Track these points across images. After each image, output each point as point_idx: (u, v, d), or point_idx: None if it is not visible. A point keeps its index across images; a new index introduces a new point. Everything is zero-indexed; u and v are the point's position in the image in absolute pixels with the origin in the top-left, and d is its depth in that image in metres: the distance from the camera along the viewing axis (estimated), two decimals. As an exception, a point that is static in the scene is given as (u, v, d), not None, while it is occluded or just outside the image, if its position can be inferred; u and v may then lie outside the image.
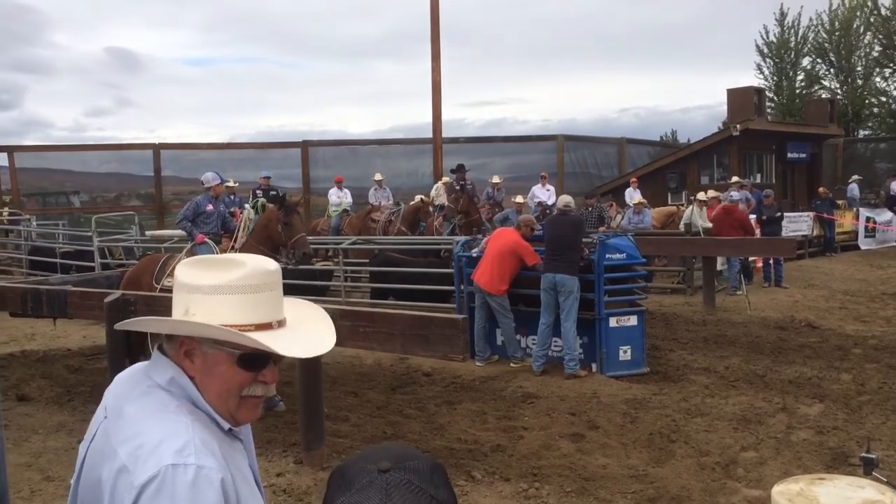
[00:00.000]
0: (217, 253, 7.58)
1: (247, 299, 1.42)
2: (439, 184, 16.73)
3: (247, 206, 14.42)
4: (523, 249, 8.23)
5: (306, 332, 1.54)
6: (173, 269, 7.85)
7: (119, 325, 1.53)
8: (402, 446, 1.17)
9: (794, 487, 2.63)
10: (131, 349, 6.48)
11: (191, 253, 7.71)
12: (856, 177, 21.73)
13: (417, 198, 15.12)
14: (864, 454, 2.58)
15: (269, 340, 1.40)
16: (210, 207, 8.09)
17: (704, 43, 63.19)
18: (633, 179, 18.86)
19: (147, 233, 16.43)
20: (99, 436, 1.43)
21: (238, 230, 7.71)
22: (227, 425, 1.46)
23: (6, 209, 19.83)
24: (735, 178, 16.17)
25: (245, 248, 7.12)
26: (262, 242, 7.19)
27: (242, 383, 1.45)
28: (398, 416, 6.66)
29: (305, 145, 24.06)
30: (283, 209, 7.27)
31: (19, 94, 77.79)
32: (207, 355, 1.44)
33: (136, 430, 1.35)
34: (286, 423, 6.35)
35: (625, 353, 7.93)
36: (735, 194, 14.30)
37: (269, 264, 1.50)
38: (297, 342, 1.47)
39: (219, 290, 1.42)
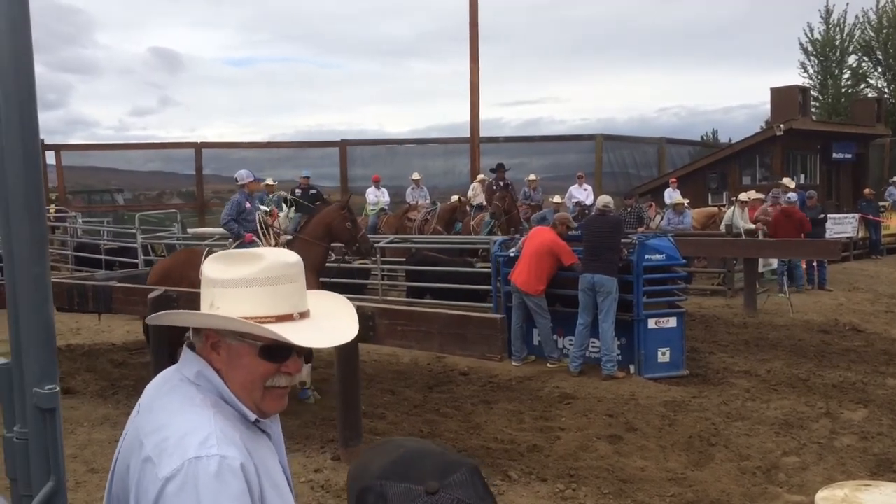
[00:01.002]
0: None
1: (266, 291, 1.44)
2: (475, 183, 16.73)
3: (284, 205, 14.59)
4: (560, 249, 8.19)
5: (329, 322, 1.55)
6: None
7: (148, 320, 1.60)
8: (431, 451, 1.12)
9: (838, 493, 2.58)
10: (172, 344, 6.61)
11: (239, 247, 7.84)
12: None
13: (454, 198, 15.13)
14: (911, 461, 2.52)
15: (289, 332, 1.42)
16: (248, 205, 8.22)
17: (747, 41, 62.28)
18: (673, 180, 18.63)
19: (189, 230, 16.69)
20: (130, 430, 1.48)
21: (295, 230, 7.91)
22: (252, 416, 1.47)
23: (53, 206, 20.32)
24: (786, 179, 15.88)
25: (298, 244, 7.26)
26: (321, 238, 7.43)
27: (265, 374, 1.46)
28: (434, 415, 6.68)
29: (343, 144, 24.25)
30: (347, 209, 7.62)
31: (65, 94, 79.77)
32: (231, 347, 1.46)
33: (162, 422, 1.39)
34: (324, 420, 6.42)
35: (663, 355, 7.85)
36: (793, 195, 14.07)
37: (290, 257, 1.51)
38: (318, 332, 1.49)
39: (240, 283, 1.44)
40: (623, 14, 69.13)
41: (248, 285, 1.44)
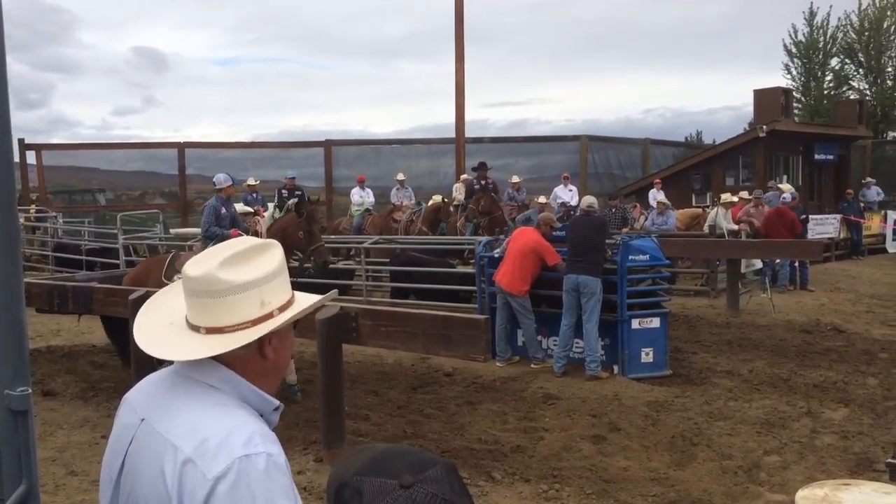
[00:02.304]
0: None
1: (286, 275, 1.53)
2: (458, 183, 16.74)
3: (270, 205, 14.56)
4: (544, 249, 8.20)
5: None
6: (182, 264, 8.08)
7: (297, 316, 1.53)
8: (408, 450, 1.14)
9: (818, 492, 2.60)
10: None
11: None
12: (870, 179, 21.37)
13: (437, 198, 15.12)
14: (889, 460, 2.54)
15: (310, 298, 1.57)
16: (224, 210, 8.25)
17: (732, 43, 62.71)
18: (657, 181, 18.71)
19: (171, 231, 16.59)
20: (139, 440, 1.43)
21: (263, 233, 7.86)
22: (277, 401, 1.51)
23: (33, 206, 20.12)
24: (786, 186, 15.99)
25: None
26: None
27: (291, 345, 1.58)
28: (418, 416, 6.66)
29: (328, 144, 24.17)
30: (305, 218, 7.49)
31: (47, 93, 79.17)
32: (282, 334, 1.51)
33: (195, 425, 1.37)
34: (306, 421, 6.39)
35: (647, 356, 7.89)
36: (787, 196, 14.18)
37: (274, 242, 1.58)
38: (307, 296, 1.59)
39: (277, 272, 1.49)
40: (610, 16, 69.50)
41: (280, 274, 1.50)
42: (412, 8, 76.38)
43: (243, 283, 1.44)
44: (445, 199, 14.92)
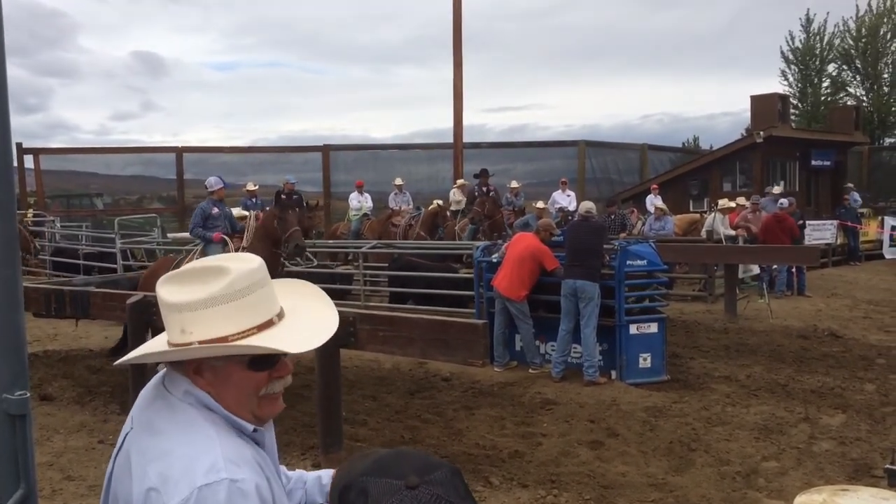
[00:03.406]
0: (231, 250, 7.89)
1: (242, 304, 1.38)
2: (455, 188, 16.75)
3: (268, 209, 14.54)
4: (543, 254, 8.21)
5: (309, 314, 1.50)
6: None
7: (118, 363, 1.53)
8: (413, 453, 1.15)
9: (816, 498, 2.60)
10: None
11: (203, 253, 8.04)
12: (849, 185, 21.36)
13: (435, 202, 15.14)
14: (888, 466, 2.54)
15: (276, 340, 1.37)
16: (216, 210, 8.42)
17: (730, 49, 62.89)
18: (654, 186, 18.75)
19: (169, 235, 16.57)
20: (125, 448, 1.43)
21: (247, 231, 8.03)
22: (250, 427, 1.42)
23: (31, 211, 20.09)
24: (777, 188, 16.02)
25: (250, 248, 7.48)
26: (263, 240, 7.61)
27: (259, 385, 1.42)
28: (416, 421, 6.65)
29: (326, 149, 24.19)
30: (278, 206, 7.75)
31: (46, 98, 79.15)
32: (217, 368, 1.41)
33: (165, 448, 1.34)
34: (304, 427, 6.37)
35: (645, 361, 7.89)
36: (784, 201, 14.20)
37: (252, 262, 1.44)
38: (304, 331, 1.44)
39: (211, 302, 1.37)
40: (609, 22, 69.70)
41: (221, 302, 1.36)
42: (411, 13, 76.56)
43: (169, 303, 1.40)
44: (440, 204, 14.92)
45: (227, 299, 1.37)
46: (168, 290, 1.40)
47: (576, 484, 5.20)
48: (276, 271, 7.59)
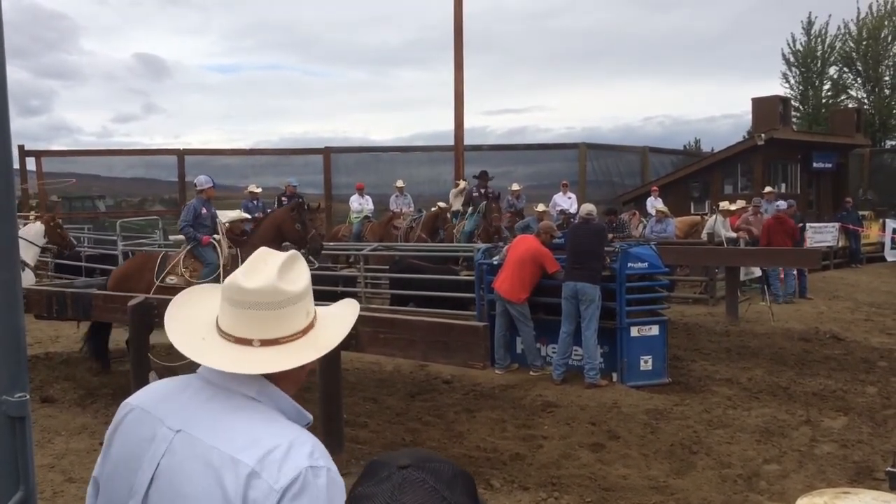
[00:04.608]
0: (223, 253, 8.02)
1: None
2: (454, 190, 16.75)
3: (269, 211, 14.54)
4: (544, 256, 8.20)
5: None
6: (174, 266, 8.28)
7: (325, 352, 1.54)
8: (436, 455, 1.18)
9: (817, 501, 2.58)
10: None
11: (190, 254, 8.15)
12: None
13: (441, 204, 15.15)
14: (889, 468, 2.53)
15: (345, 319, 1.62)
16: (204, 211, 8.48)
17: (731, 51, 62.92)
18: (654, 188, 18.75)
19: (170, 237, 16.57)
20: (180, 451, 1.38)
21: (221, 232, 8.28)
22: (309, 417, 1.50)
23: (33, 213, 20.10)
24: (768, 189, 16.02)
25: (248, 248, 7.66)
26: (272, 240, 7.72)
27: (301, 378, 1.55)
28: (417, 423, 6.65)
29: (327, 152, 24.18)
30: (297, 211, 7.99)
31: (48, 100, 79.25)
32: None
33: (254, 437, 1.35)
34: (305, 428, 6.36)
35: (646, 363, 7.88)
36: (782, 203, 14.21)
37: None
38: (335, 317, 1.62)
39: (310, 284, 1.52)
40: (610, 25, 69.74)
41: (309, 289, 1.52)
42: (412, 16, 76.68)
43: (299, 293, 1.46)
44: (442, 206, 14.92)
45: (310, 284, 1.52)
46: (290, 283, 1.46)
47: (577, 486, 5.19)
48: None
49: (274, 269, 1.45)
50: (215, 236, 8.41)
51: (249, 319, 1.43)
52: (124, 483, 1.42)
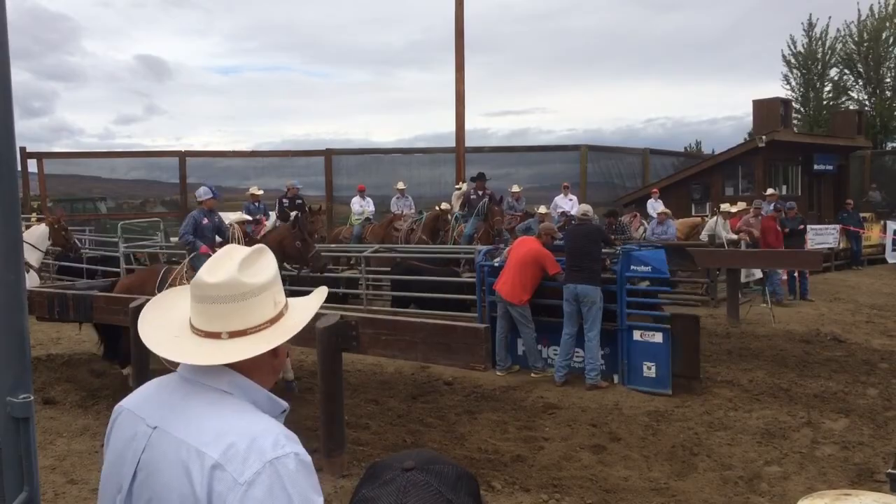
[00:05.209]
0: None
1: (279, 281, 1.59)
2: (457, 192, 16.75)
3: (272, 214, 14.60)
4: (545, 258, 8.21)
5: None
6: (175, 279, 8.16)
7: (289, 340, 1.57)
8: (440, 456, 1.19)
9: (818, 503, 2.59)
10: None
11: (191, 266, 8.16)
12: (873, 185, 21.54)
13: (444, 205, 15.13)
14: (890, 470, 2.53)
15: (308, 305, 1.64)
16: (206, 221, 8.54)
17: (733, 53, 62.85)
18: (655, 190, 18.74)
19: (171, 239, 16.58)
20: (156, 447, 1.43)
21: (233, 240, 8.14)
22: (285, 404, 1.54)
23: (34, 215, 20.12)
24: (770, 191, 16.02)
25: None
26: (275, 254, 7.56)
27: (276, 368, 1.59)
28: (419, 425, 6.65)
29: (329, 153, 24.21)
30: (299, 229, 7.89)
31: (50, 101, 79.30)
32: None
33: (219, 430, 1.38)
34: (306, 430, 6.36)
35: (649, 370, 7.72)
36: (770, 207, 14.20)
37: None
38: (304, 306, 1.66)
39: (278, 274, 1.56)
40: (612, 26, 69.72)
41: (279, 276, 1.58)
42: (414, 17, 76.71)
43: (261, 284, 1.50)
44: (443, 208, 14.90)
45: (279, 273, 1.56)
46: (251, 275, 1.50)
47: (578, 488, 5.20)
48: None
49: (235, 263, 1.50)
50: (224, 245, 8.39)
51: (215, 313, 1.48)
52: (115, 480, 1.49)
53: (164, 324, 1.56)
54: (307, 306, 1.60)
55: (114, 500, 1.49)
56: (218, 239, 8.61)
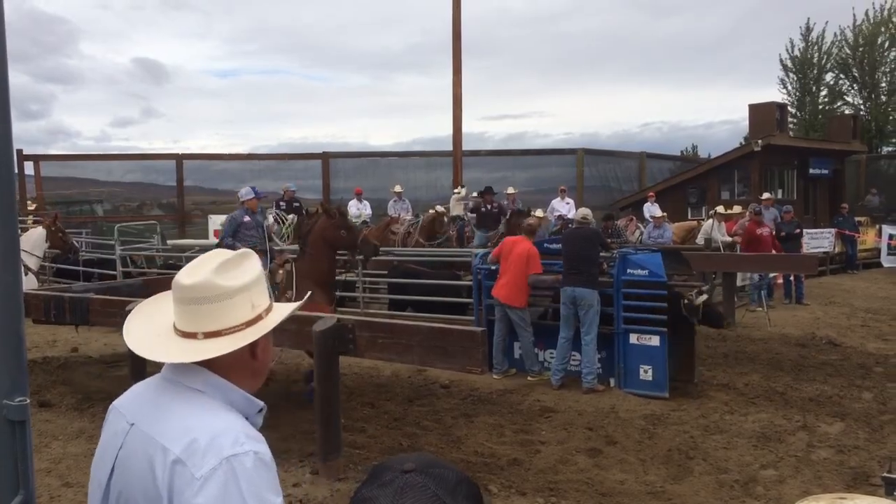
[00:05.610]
0: (267, 265, 7.85)
1: (265, 284, 1.62)
2: (454, 196, 16.76)
3: (269, 216, 14.56)
4: (533, 257, 8.25)
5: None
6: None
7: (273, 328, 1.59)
8: (442, 460, 1.20)
9: (814, 506, 2.60)
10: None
11: None
12: (872, 190, 21.62)
13: (439, 208, 15.13)
14: (885, 474, 2.54)
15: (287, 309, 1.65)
16: (247, 219, 8.35)
17: (730, 57, 62.96)
18: (651, 194, 18.78)
19: (168, 242, 16.58)
20: (130, 443, 1.49)
21: (272, 236, 8.08)
22: (262, 403, 1.57)
23: (31, 217, 20.09)
24: (766, 195, 16.07)
25: (307, 259, 7.59)
26: (323, 247, 7.60)
27: (256, 370, 1.61)
28: (415, 428, 6.65)
29: (326, 157, 24.21)
30: (339, 218, 7.80)
31: (48, 104, 78.99)
32: (267, 337, 1.59)
33: (184, 427, 1.42)
34: (303, 434, 6.37)
35: (646, 373, 7.70)
36: (784, 208, 14.28)
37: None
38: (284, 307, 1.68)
39: (260, 279, 1.58)
40: (609, 30, 69.84)
41: (261, 281, 1.60)
42: (412, 21, 76.79)
43: (237, 287, 1.53)
44: (438, 210, 14.89)
45: (262, 278, 1.59)
46: (227, 278, 1.53)
47: (574, 492, 5.20)
48: (334, 274, 7.92)
49: (213, 266, 1.53)
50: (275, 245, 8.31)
51: (192, 314, 1.52)
52: (97, 476, 1.56)
53: (149, 324, 1.60)
54: (284, 309, 1.63)
55: (96, 495, 1.55)
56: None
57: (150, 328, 1.59)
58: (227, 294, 1.51)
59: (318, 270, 7.48)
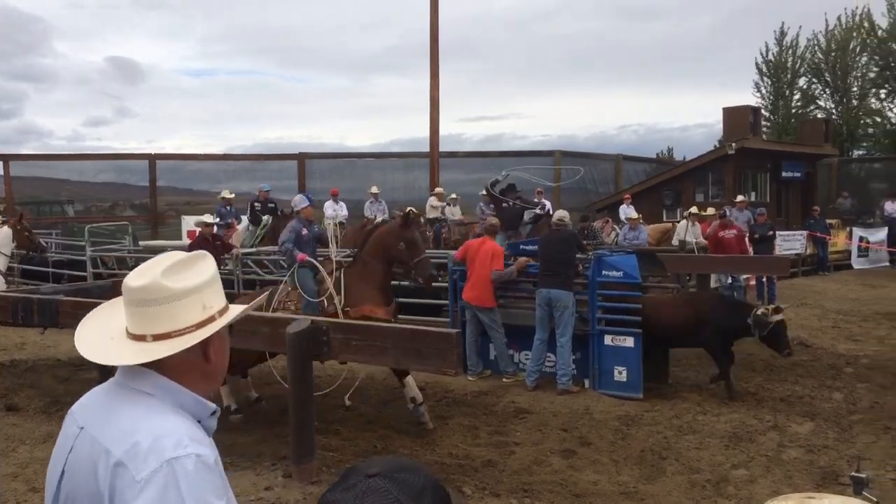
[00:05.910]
0: (321, 273, 7.30)
1: (220, 285, 1.60)
2: (432, 197, 16.73)
3: (243, 218, 14.42)
4: (497, 255, 8.28)
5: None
6: (281, 301, 7.24)
7: (232, 321, 1.58)
8: (415, 464, 1.19)
9: (783, 506, 2.61)
10: None
11: (293, 280, 7.49)
12: (844, 193, 21.98)
13: (408, 209, 15.03)
14: (854, 473, 2.56)
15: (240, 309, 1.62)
16: (304, 231, 7.88)
17: (707, 61, 63.50)
18: (627, 196, 18.89)
19: (140, 243, 16.37)
20: (79, 447, 1.48)
21: (332, 240, 7.64)
22: (214, 405, 1.55)
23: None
24: (740, 197, 16.22)
25: (360, 263, 7.09)
26: (378, 258, 7.05)
27: (209, 372, 1.58)
28: (389, 430, 6.63)
29: (302, 157, 24.08)
30: (406, 226, 7.09)
31: (19, 103, 77.69)
32: (222, 339, 1.58)
33: (128, 429, 1.41)
34: (276, 436, 6.32)
35: (620, 374, 7.74)
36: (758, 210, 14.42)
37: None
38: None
39: (213, 281, 1.56)
40: (587, 34, 70.12)
41: (214, 282, 1.57)
42: (389, 23, 76.59)
43: (186, 289, 1.51)
44: (412, 211, 14.80)
45: (216, 279, 1.58)
46: (176, 280, 1.51)
47: (548, 493, 5.21)
48: (388, 290, 7.12)
49: (162, 268, 1.52)
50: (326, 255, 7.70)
51: (141, 316, 1.50)
52: (51, 479, 1.55)
53: (104, 328, 1.58)
54: (236, 310, 1.61)
55: (49, 499, 1.54)
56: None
57: (104, 332, 1.57)
58: (175, 296, 1.49)
59: (370, 274, 6.95)
